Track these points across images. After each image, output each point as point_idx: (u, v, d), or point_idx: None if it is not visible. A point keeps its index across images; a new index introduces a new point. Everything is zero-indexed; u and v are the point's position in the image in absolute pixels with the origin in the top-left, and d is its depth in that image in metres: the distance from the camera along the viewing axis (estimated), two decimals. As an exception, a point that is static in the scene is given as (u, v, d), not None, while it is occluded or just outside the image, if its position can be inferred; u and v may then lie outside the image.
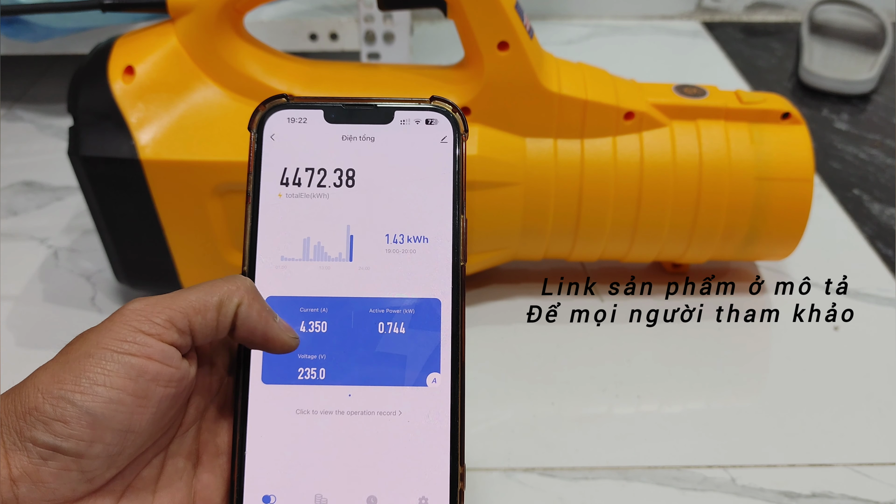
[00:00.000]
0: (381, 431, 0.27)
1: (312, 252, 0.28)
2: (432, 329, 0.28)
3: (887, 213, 0.67)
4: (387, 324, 0.28)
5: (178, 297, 0.25)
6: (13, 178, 0.70)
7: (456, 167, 0.29)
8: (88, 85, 0.46)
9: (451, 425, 0.27)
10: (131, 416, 0.23)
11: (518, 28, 0.46)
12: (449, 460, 0.27)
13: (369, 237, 0.28)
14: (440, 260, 0.28)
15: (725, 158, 0.51)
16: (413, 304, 0.28)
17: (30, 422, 0.22)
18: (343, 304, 0.28)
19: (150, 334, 0.23)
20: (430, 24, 1.01)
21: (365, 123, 0.29)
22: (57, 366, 0.23)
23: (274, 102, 0.29)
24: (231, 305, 0.25)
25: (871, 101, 0.86)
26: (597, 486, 0.44)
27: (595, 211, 0.51)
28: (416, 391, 0.27)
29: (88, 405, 0.22)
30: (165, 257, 0.50)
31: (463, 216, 0.29)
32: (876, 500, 0.43)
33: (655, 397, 0.49)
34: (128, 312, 0.24)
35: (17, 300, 0.56)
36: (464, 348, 0.28)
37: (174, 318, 0.24)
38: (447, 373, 0.27)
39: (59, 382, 0.22)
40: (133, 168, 0.46)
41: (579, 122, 0.50)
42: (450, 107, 0.29)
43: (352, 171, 0.29)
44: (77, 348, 0.23)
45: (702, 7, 1.06)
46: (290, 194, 0.29)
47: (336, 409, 0.27)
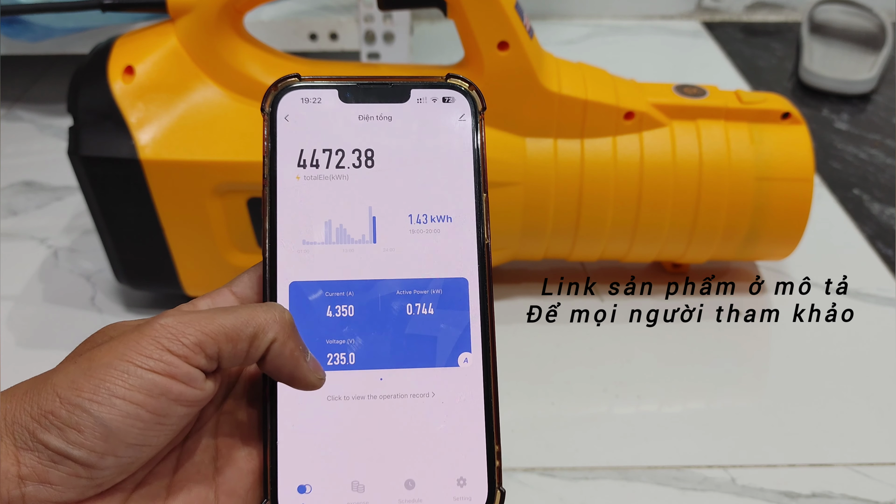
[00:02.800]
0: (415, 414, 0.27)
1: (335, 235, 0.28)
2: (461, 309, 0.27)
3: (887, 213, 0.67)
4: (415, 305, 0.27)
5: (212, 318, 0.24)
6: (13, 178, 0.70)
7: (476, 145, 0.29)
8: (88, 85, 0.46)
9: (486, 404, 0.27)
10: (147, 432, 0.23)
11: (518, 28, 0.46)
12: (485, 439, 0.26)
13: (392, 218, 0.28)
14: (465, 239, 0.28)
15: (725, 158, 0.51)
16: (440, 285, 0.28)
17: (44, 424, 0.22)
18: (369, 287, 0.27)
19: (178, 355, 0.23)
20: (430, 24, 1.01)
21: (381, 102, 0.29)
22: (77, 371, 0.22)
23: (287, 82, 0.28)
24: (264, 340, 0.24)
25: (871, 101, 0.86)
26: (597, 486, 0.44)
27: (595, 211, 0.51)
28: (448, 372, 0.27)
29: (105, 417, 0.22)
30: (165, 257, 0.50)
31: (485, 194, 0.28)
32: (876, 500, 0.43)
33: (655, 397, 0.49)
34: (158, 327, 0.23)
35: (17, 300, 0.56)
36: (493, 327, 0.28)
37: (204, 342, 0.23)
38: (478, 352, 0.27)
39: (78, 389, 0.22)
40: (133, 168, 0.46)
41: (579, 122, 0.50)
42: (466, 84, 0.29)
43: (370, 151, 0.28)
44: (100, 356, 0.23)
45: (702, 7, 1.06)
46: (309, 176, 0.28)
47: (368, 393, 0.27)
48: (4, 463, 0.21)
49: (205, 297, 0.27)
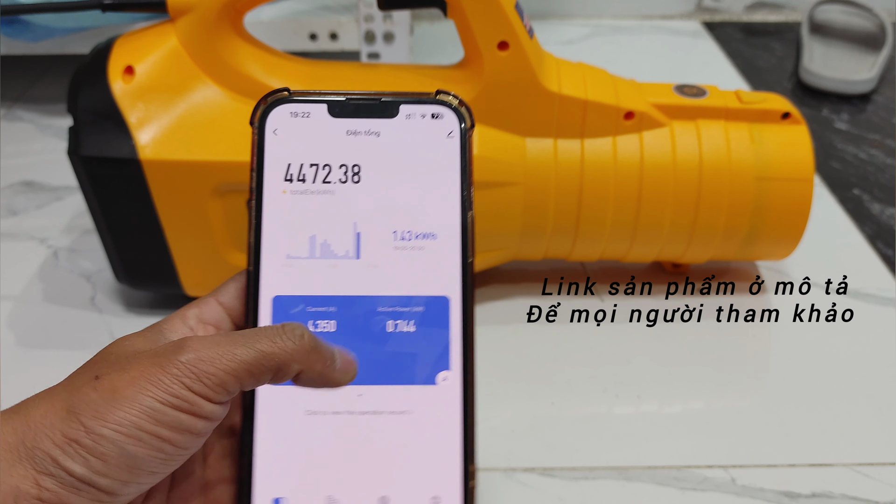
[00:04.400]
0: (392, 431, 0.27)
1: (319, 250, 0.28)
2: (442, 327, 0.27)
3: (887, 213, 0.67)
4: (396, 322, 0.27)
5: (233, 353, 0.23)
6: (13, 178, 0.70)
7: (463, 162, 0.28)
8: (88, 85, 0.46)
9: (463, 423, 0.27)
10: (168, 461, 0.23)
11: (518, 28, 0.46)
12: (461, 458, 0.27)
13: (377, 234, 0.28)
14: (448, 257, 0.28)
15: (725, 158, 0.51)
16: (422, 302, 0.28)
17: (68, 452, 0.22)
18: (351, 303, 0.27)
19: (202, 395, 0.23)
20: (430, 24, 1.01)
21: (370, 118, 0.29)
22: (100, 400, 0.22)
23: (276, 96, 0.29)
24: (289, 373, 0.25)
25: (871, 101, 0.86)
26: (597, 486, 0.44)
27: (595, 211, 0.51)
28: (426, 390, 0.27)
29: (130, 449, 0.22)
30: (165, 257, 0.50)
31: (471, 212, 0.28)
32: (876, 500, 0.43)
33: (655, 397, 0.49)
34: (180, 366, 0.23)
35: (17, 300, 0.56)
36: (473, 346, 0.27)
37: (227, 382, 0.23)
38: (457, 371, 0.27)
39: (103, 420, 0.22)
40: (133, 168, 0.46)
41: (579, 122, 0.50)
42: (455, 101, 0.29)
43: (357, 166, 0.28)
44: (123, 388, 0.23)
45: (702, 7, 1.06)
46: (295, 191, 0.28)
47: (346, 409, 0.27)
48: (24, 485, 0.22)
49: (191, 307, 0.28)
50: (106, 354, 0.25)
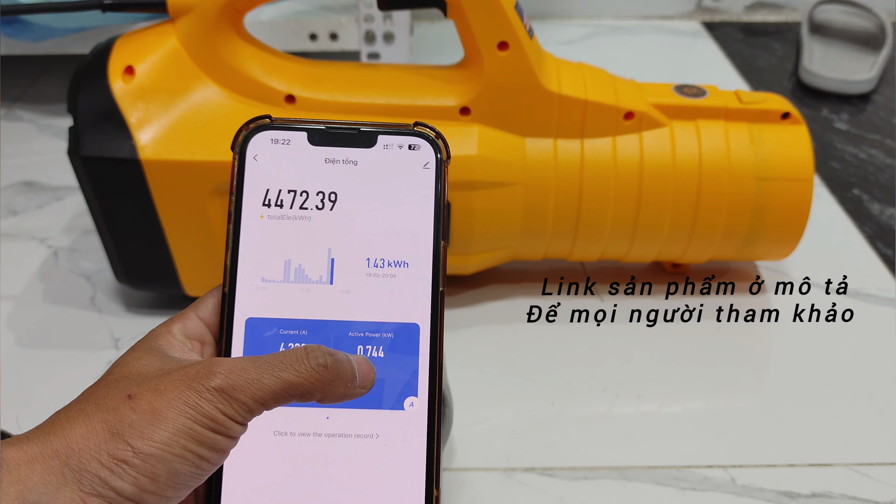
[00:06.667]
0: (358, 454, 0.27)
1: (293, 274, 0.28)
2: (411, 354, 0.28)
3: (887, 213, 0.67)
4: (366, 347, 0.28)
5: (261, 380, 0.25)
6: (13, 178, 0.70)
7: (437, 193, 0.29)
8: (88, 85, 0.46)
9: (428, 448, 0.27)
10: (201, 476, 0.25)
11: (518, 28, 0.46)
12: (424, 484, 0.27)
13: (350, 261, 0.29)
14: (420, 285, 0.29)
15: (725, 158, 0.51)
16: (392, 329, 0.28)
17: (117, 472, 0.23)
18: (323, 327, 0.28)
19: (231, 418, 0.24)
20: (430, 24, 1.01)
21: (348, 147, 0.29)
22: (142, 421, 0.23)
23: (257, 123, 0.29)
24: (312, 399, 0.26)
25: (871, 101, 0.86)
26: (597, 486, 0.44)
27: (595, 211, 0.51)
28: (393, 415, 0.28)
29: (178, 467, 0.23)
30: (165, 257, 0.50)
31: (444, 242, 0.29)
32: (876, 500, 0.43)
33: (655, 397, 0.49)
34: (213, 391, 0.24)
35: (17, 300, 0.56)
36: (441, 373, 0.28)
37: (254, 408, 0.25)
38: (424, 397, 0.28)
39: (149, 440, 0.23)
40: (133, 168, 0.46)
41: (579, 122, 0.50)
42: (433, 133, 0.29)
43: (334, 194, 0.29)
44: (163, 409, 0.24)
45: (702, 7, 1.06)
46: (272, 216, 0.29)
47: (314, 431, 0.27)
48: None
49: (175, 322, 0.28)
50: (126, 373, 0.26)
